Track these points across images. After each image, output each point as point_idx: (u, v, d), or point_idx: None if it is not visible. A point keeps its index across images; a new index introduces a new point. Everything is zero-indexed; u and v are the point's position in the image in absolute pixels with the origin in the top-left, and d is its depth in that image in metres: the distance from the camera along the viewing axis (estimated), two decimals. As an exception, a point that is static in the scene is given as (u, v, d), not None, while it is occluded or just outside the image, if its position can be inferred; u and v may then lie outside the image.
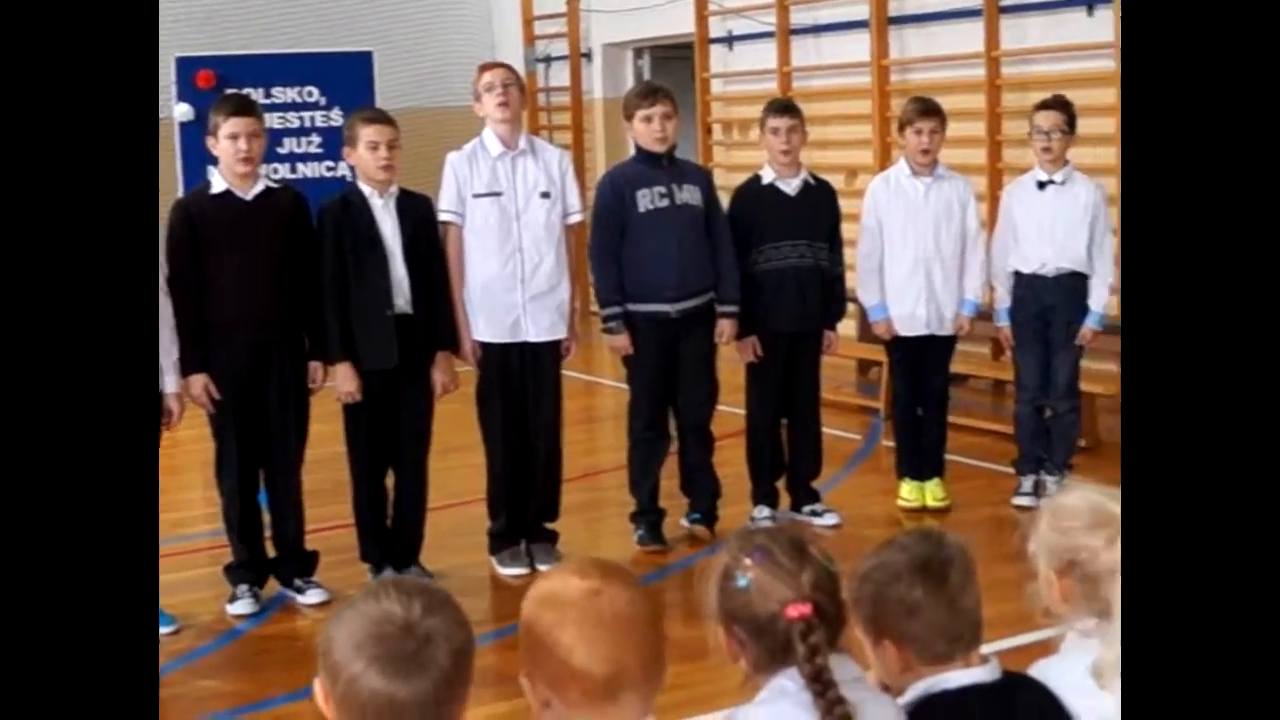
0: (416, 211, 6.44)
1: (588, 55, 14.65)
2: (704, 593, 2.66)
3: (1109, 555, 2.72)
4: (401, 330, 6.31)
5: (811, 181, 7.24)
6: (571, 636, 2.37)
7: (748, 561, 2.58)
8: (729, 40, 12.91)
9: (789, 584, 2.53)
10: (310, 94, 13.22)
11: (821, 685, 2.47)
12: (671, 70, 13.97)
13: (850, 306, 8.67)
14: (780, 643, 2.52)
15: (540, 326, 6.60)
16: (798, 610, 2.50)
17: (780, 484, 7.40)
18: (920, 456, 7.52)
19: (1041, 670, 2.82)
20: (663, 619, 2.46)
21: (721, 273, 6.93)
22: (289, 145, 13.07)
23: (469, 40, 15.10)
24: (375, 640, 2.19)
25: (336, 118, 12.62)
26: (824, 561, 2.59)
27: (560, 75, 14.99)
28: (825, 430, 7.61)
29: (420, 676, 2.18)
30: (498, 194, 6.52)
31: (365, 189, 6.34)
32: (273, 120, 13.26)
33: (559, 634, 2.38)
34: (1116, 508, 2.75)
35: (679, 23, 13.10)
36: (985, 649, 4.30)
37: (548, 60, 15.12)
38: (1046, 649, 2.95)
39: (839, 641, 2.59)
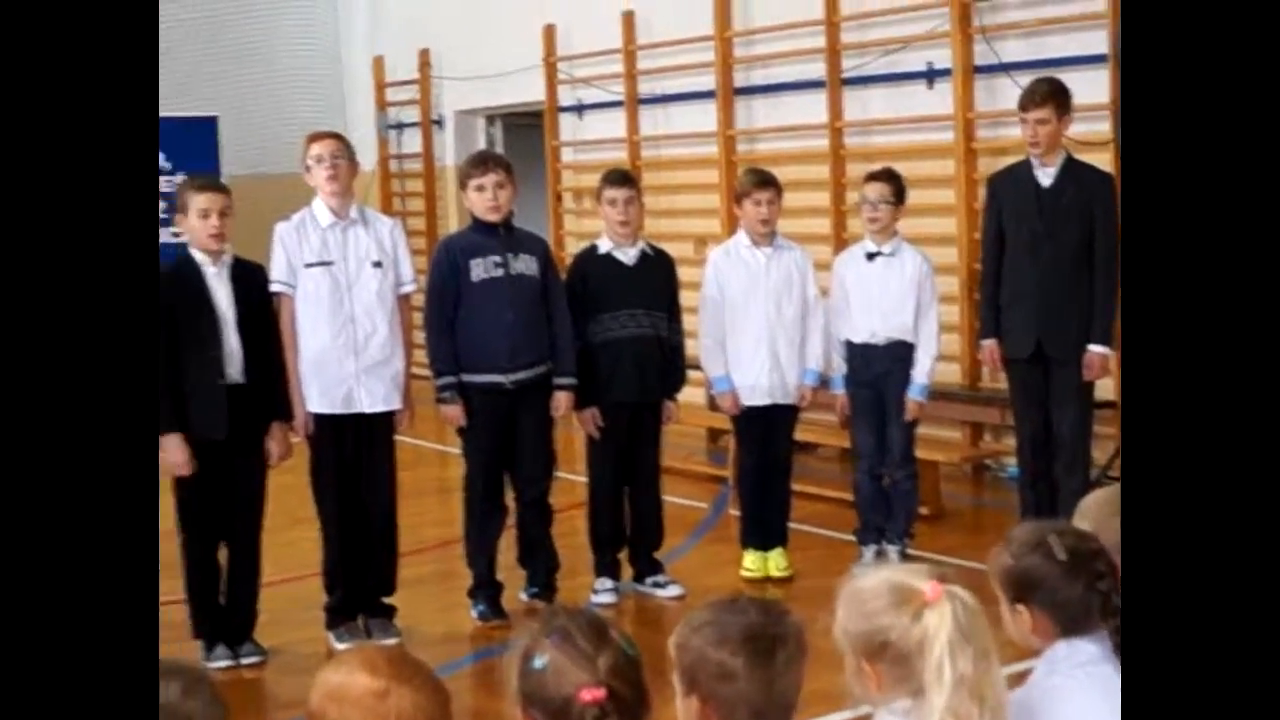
0: (250, 280, 6.35)
1: (439, 122, 14.62)
2: (506, 673, 2.62)
3: (918, 630, 2.70)
4: (233, 401, 6.19)
5: (649, 251, 7.24)
6: None
7: (546, 642, 2.54)
8: (579, 109, 12.95)
9: (585, 667, 2.49)
10: (154, 159, 13.06)
11: None
12: (523, 138, 13.98)
13: (699, 375, 8.69)
14: None
15: (374, 397, 6.51)
16: (591, 694, 2.46)
17: (624, 555, 7.35)
18: (764, 526, 7.51)
19: None
20: (450, 716, 2.41)
21: (558, 344, 6.87)
22: (132, 211, 12.88)
23: (319, 106, 14.99)
24: None
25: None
26: (625, 646, 2.54)
27: (412, 142, 14.94)
28: (673, 499, 7.57)
29: None
30: (329, 263, 6.44)
31: (198, 257, 6.24)
32: (116, 186, 13.09)
33: None
34: (916, 580, 2.75)
35: (530, 91, 13.13)
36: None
37: (399, 127, 15.06)
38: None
39: None
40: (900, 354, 7.41)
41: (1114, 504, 3.46)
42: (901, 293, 7.39)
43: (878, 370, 7.44)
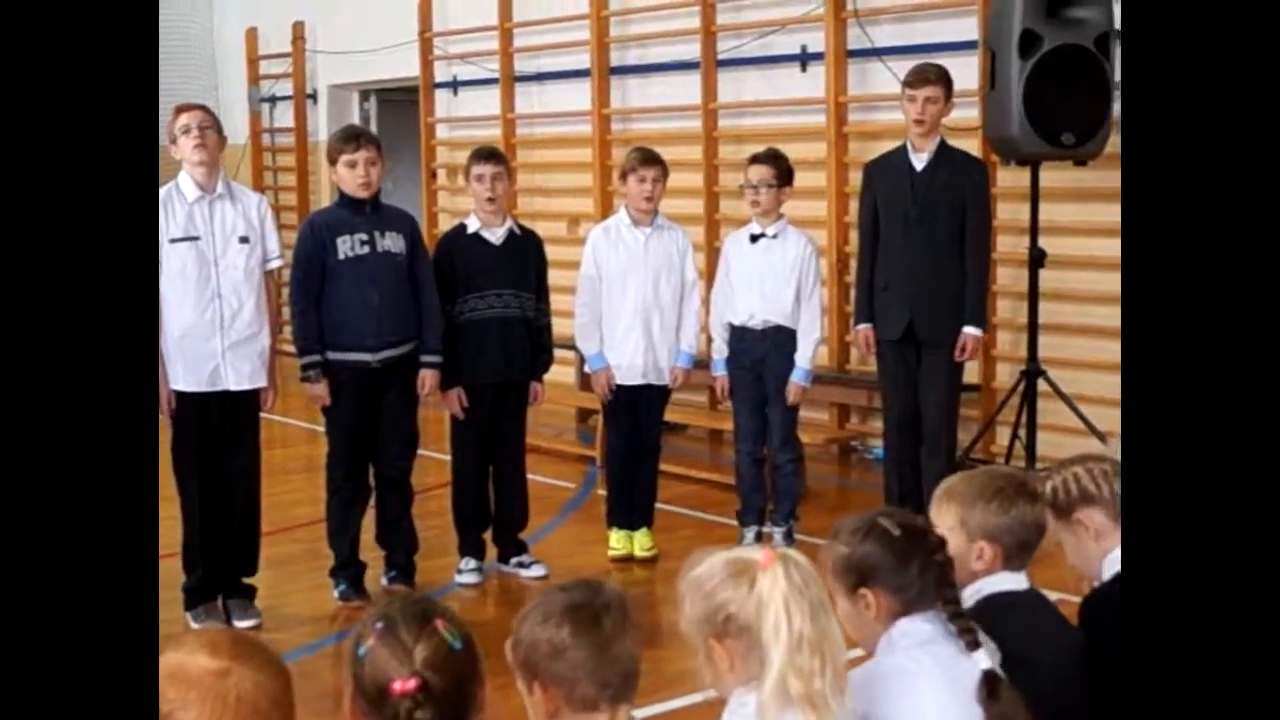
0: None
1: (313, 96, 14.45)
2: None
3: (753, 598, 2.77)
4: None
5: (517, 231, 7.20)
6: (192, 718, 2.29)
7: (371, 630, 2.52)
8: (454, 85, 12.85)
9: (400, 658, 2.47)
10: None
11: None
12: (397, 114, 13.88)
13: (570, 355, 8.65)
14: (390, 718, 2.46)
15: (240, 375, 6.41)
16: (402, 686, 2.44)
17: (489, 535, 7.31)
18: (630, 506, 7.52)
19: None
20: (292, 699, 2.38)
21: (424, 323, 6.83)
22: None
23: (190, 78, 14.73)
24: None
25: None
26: (448, 638, 2.52)
27: (285, 116, 14.76)
28: (541, 479, 7.54)
29: None
30: (195, 239, 6.33)
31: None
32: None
33: (180, 714, 2.30)
34: (749, 553, 2.83)
35: (405, 66, 13.01)
36: (679, 703, 4.33)
37: (272, 100, 14.88)
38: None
39: None
40: (777, 338, 7.39)
41: (984, 488, 3.49)
42: (781, 276, 7.37)
43: (757, 354, 7.43)
